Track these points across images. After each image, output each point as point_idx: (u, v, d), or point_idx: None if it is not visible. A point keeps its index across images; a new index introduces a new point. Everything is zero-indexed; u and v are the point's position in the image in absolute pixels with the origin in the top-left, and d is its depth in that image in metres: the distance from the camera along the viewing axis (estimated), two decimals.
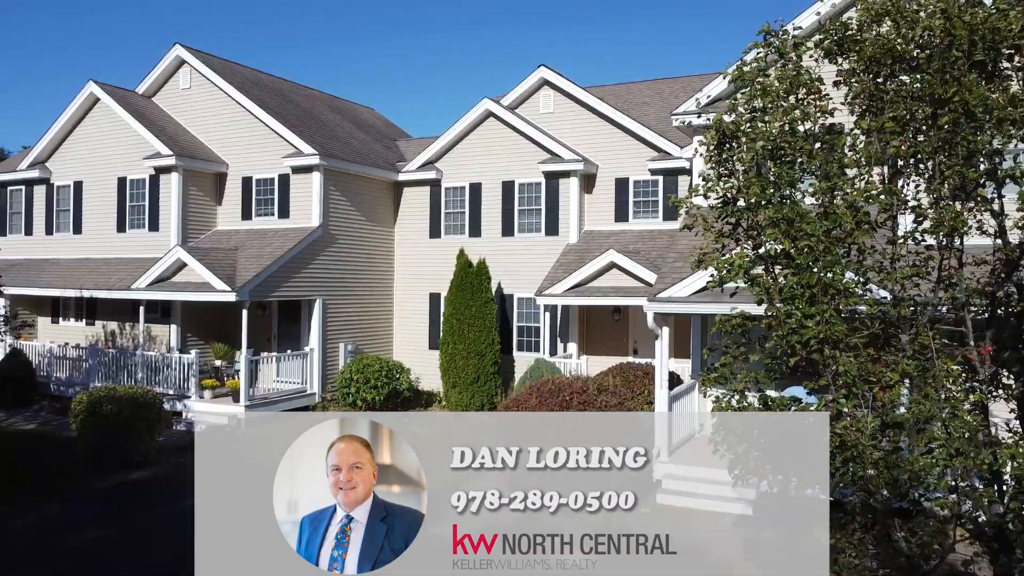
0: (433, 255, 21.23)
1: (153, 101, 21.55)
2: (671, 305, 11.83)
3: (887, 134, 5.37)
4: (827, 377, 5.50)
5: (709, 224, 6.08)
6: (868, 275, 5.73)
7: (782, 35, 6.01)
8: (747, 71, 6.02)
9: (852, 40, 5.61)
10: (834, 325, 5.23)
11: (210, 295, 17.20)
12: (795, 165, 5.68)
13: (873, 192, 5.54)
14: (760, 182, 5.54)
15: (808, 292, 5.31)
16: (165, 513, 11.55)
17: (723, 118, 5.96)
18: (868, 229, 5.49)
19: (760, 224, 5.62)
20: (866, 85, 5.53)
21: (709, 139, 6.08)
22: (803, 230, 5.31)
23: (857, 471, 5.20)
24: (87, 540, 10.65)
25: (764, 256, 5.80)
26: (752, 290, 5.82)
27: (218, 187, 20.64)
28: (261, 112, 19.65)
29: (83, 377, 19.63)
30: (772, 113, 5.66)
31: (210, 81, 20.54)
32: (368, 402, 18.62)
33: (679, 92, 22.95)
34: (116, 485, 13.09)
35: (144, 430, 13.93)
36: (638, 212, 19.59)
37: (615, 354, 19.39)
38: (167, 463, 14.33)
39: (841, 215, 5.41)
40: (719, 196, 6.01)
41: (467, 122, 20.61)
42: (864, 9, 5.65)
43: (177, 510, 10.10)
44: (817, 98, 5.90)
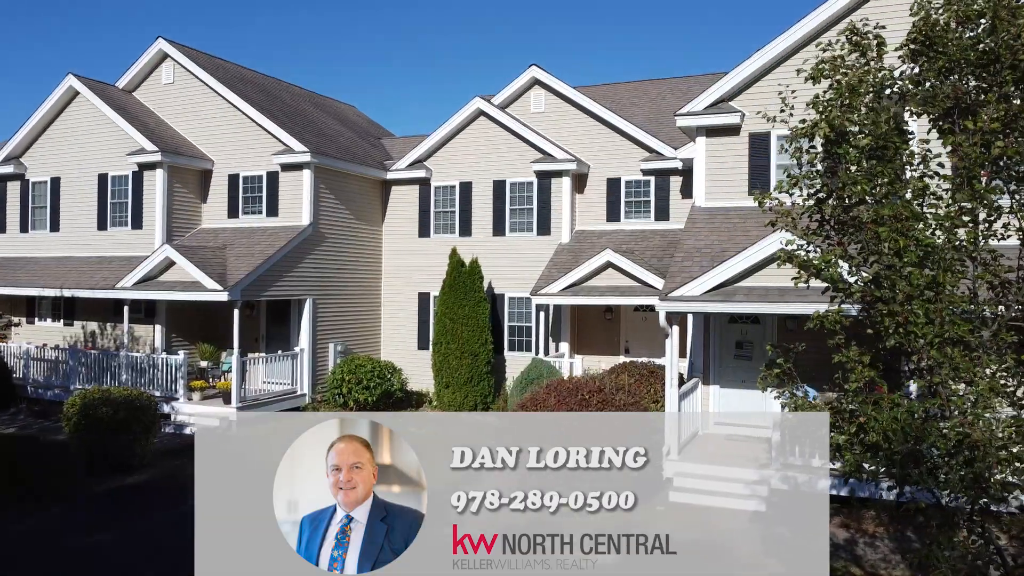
0: (422, 254, 21.09)
1: (134, 96, 21.02)
2: (683, 304, 11.90)
3: (988, 135, 5.42)
4: (939, 375, 5.54)
5: (793, 221, 6.10)
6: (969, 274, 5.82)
7: (865, 35, 6.06)
8: (824, 68, 6.05)
9: (939, 40, 5.66)
10: (957, 325, 5.28)
11: (201, 295, 16.84)
12: (895, 163, 5.73)
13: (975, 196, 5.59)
14: (864, 179, 5.57)
15: (927, 292, 5.35)
16: (169, 517, 11.25)
17: (833, 116, 5.94)
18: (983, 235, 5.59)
19: (860, 222, 5.65)
20: (956, 87, 5.58)
21: (797, 133, 6.11)
22: (912, 229, 5.35)
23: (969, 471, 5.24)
24: (95, 544, 10.34)
25: (862, 253, 5.83)
26: (846, 288, 5.86)
27: (203, 184, 20.22)
28: (250, 108, 19.30)
29: (63, 379, 19.05)
30: (874, 112, 5.68)
31: (195, 76, 20.10)
32: (360, 403, 18.41)
33: (665, 94, 23.18)
34: (114, 489, 12.73)
35: (141, 433, 13.56)
36: (630, 212, 19.69)
37: (607, 353, 19.48)
38: (163, 466, 13.99)
39: (954, 218, 5.48)
40: (811, 193, 6.04)
41: (458, 121, 20.50)
42: (953, 11, 5.71)
43: (181, 514, 9.87)
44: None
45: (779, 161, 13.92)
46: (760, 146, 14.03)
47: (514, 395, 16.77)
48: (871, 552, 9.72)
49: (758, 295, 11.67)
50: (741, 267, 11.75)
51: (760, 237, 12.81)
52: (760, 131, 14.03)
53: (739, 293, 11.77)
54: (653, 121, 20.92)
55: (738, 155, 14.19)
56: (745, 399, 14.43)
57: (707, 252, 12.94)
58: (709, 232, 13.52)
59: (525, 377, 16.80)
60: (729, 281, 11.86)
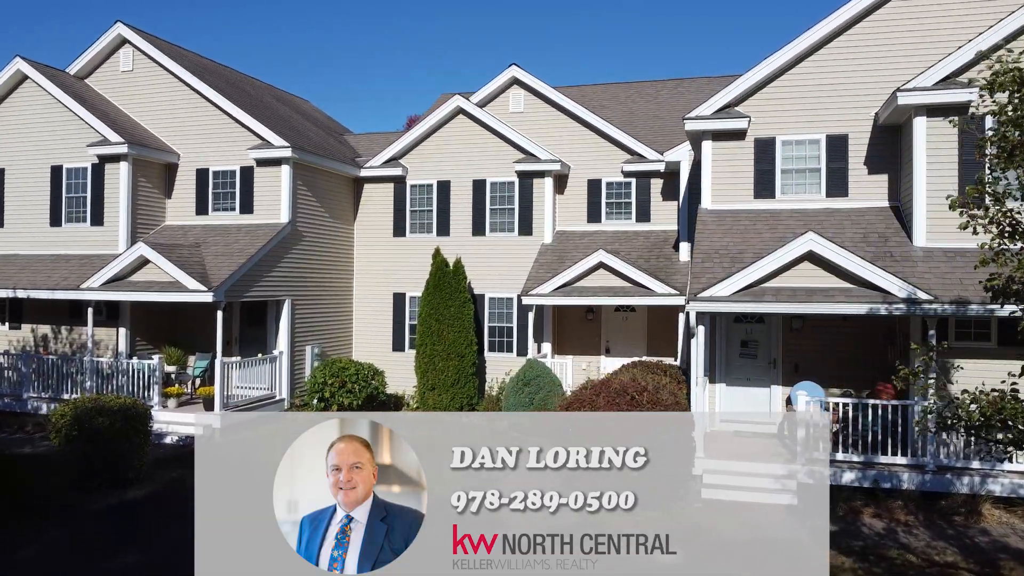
0: (398, 254, 20.65)
1: (87, 83, 19.64)
2: (714, 304, 12.12)
3: None
4: None
5: (987, 224, 6.29)
6: None
7: None
8: (1003, 81, 6.27)
9: None
10: None
11: (181, 295, 15.90)
12: None
13: None
14: None
15: None
16: (185, 532, 10.54)
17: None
18: None
19: None
20: None
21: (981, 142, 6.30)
22: None
23: None
24: (120, 567, 9.58)
25: None
26: None
27: (167, 179, 19.11)
28: (222, 100, 18.38)
29: (12, 387, 17.57)
30: None
31: (158, 64, 18.96)
32: (345, 407, 17.82)
33: (634, 97, 23.61)
34: (115, 505, 11.82)
35: (139, 443, 12.69)
36: (611, 213, 19.90)
37: (588, 353, 19.64)
38: (159, 478, 13.12)
39: None
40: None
41: (436, 119, 20.18)
42: None
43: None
44: None
45: (784, 166, 14.39)
46: (765, 151, 14.45)
47: (511, 396, 16.62)
48: (914, 540, 10.17)
49: (787, 295, 12.02)
50: (770, 268, 12.08)
51: (772, 239, 13.24)
52: (765, 136, 14.46)
53: (767, 294, 12.09)
54: (627, 124, 21.21)
55: (744, 159, 14.57)
56: (750, 396, 14.84)
57: (724, 254, 13.23)
58: (722, 235, 13.83)
59: (521, 378, 16.66)
60: (758, 282, 12.17)
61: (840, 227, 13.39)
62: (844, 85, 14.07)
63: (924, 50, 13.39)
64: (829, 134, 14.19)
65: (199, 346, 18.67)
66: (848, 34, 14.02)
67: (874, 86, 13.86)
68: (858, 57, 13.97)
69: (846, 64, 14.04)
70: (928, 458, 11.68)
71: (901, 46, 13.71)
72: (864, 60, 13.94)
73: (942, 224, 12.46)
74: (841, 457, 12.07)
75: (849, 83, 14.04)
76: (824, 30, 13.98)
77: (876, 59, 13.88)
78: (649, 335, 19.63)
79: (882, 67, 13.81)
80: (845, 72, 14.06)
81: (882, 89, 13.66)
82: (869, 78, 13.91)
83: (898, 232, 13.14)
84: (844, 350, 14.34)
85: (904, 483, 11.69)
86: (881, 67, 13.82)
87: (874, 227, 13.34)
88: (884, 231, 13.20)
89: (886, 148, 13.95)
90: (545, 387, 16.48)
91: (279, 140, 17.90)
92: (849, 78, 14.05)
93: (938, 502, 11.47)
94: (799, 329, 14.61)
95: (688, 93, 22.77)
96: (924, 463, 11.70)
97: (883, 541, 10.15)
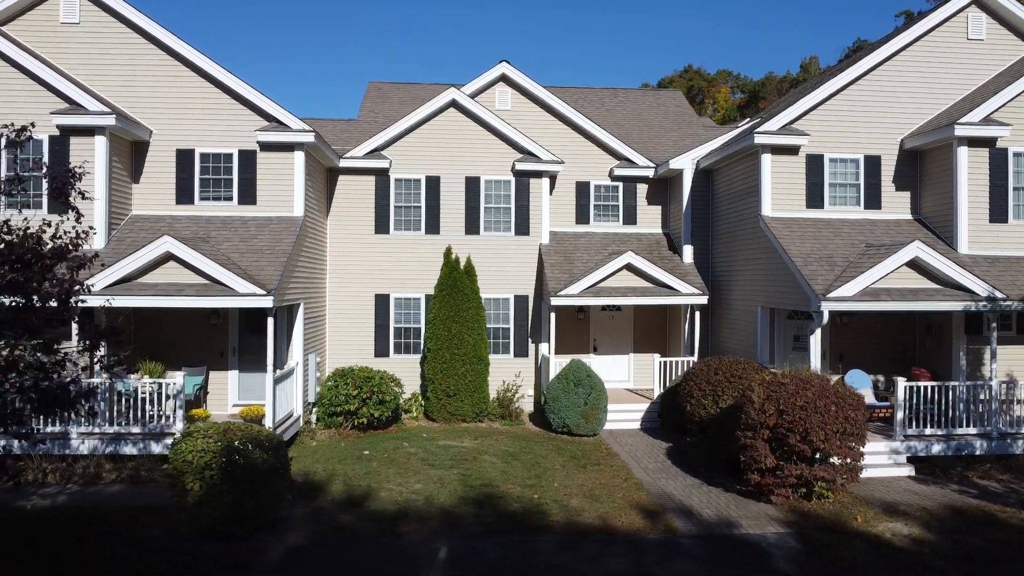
0: (380, 252, 19.19)
1: (14, 37, 15.48)
2: (843, 304, 13.39)
3: None
4: None
5: None
6: None
7: None
8: None
9: None
10: None
11: (227, 300, 13.44)
12: None
13: None
14: None
15: None
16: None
17: None
18: None
19: None
20: None
21: None
22: None
23: None
24: None
25: None
26: None
27: (136, 160, 15.83)
28: (217, 69, 15.68)
29: None
30: None
31: (122, 18, 15.59)
32: (375, 420, 16.32)
33: (606, 99, 24.42)
34: (288, 555, 9.89)
35: (287, 479, 10.70)
36: (599, 216, 20.43)
37: (578, 351, 20.03)
38: (294, 518, 11.12)
39: None
40: None
41: (427, 111, 19.10)
42: None
43: None
44: None
45: (831, 180, 16.17)
46: (815, 166, 16.10)
47: (560, 397, 16.46)
48: (997, 497, 12.30)
49: (897, 294, 13.68)
50: (882, 272, 13.65)
51: (844, 245, 14.93)
52: (815, 152, 16.11)
53: (882, 294, 13.65)
54: (612, 128, 21.86)
55: (797, 172, 16.08)
56: None
57: (817, 258, 14.58)
58: (801, 241, 15.16)
59: (571, 379, 16.61)
60: (872, 284, 13.68)
61: (889, 236, 15.43)
62: (878, 113, 16.20)
63: (934, 97, 16.26)
64: (866, 154, 16.24)
65: (179, 360, 15.81)
66: (881, 68, 16.18)
67: (901, 116, 16.18)
68: (892, 89, 16.19)
69: (882, 95, 16.19)
70: (991, 427, 14.03)
71: (926, 84, 16.20)
72: (894, 93, 16.19)
73: (981, 235, 15.09)
74: (928, 432, 14.02)
75: (883, 112, 16.20)
76: (865, 66, 16.01)
77: (903, 94, 16.21)
78: (636, 333, 20.56)
79: (906, 103, 16.21)
80: (879, 102, 16.20)
81: (907, 120, 16.08)
82: (898, 109, 16.20)
83: (936, 242, 15.50)
84: (876, 343, 16.54)
85: (976, 450, 13.93)
86: (905, 102, 16.20)
87: (916, 237, 15.55)
88: (926, 240, 15.49)
89: (908, 169, 16.33)
90: (596, 387, 16.64)
91: (297, 123, 15.78)
92: (881, 108, 16.21)
93: (1011, 462, 13.86)
94: (846, 324, 16.53)
95: (667, 104, 24.12)
96: (989, 431, 14.05)
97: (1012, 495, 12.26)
